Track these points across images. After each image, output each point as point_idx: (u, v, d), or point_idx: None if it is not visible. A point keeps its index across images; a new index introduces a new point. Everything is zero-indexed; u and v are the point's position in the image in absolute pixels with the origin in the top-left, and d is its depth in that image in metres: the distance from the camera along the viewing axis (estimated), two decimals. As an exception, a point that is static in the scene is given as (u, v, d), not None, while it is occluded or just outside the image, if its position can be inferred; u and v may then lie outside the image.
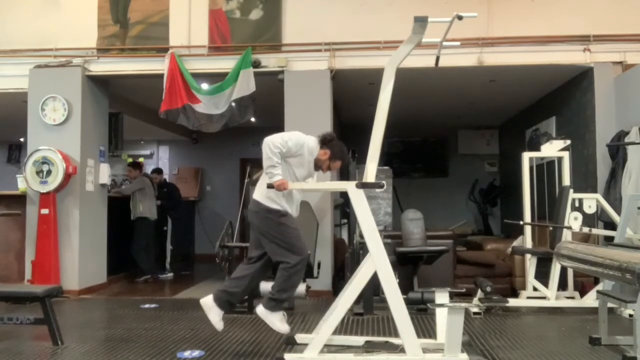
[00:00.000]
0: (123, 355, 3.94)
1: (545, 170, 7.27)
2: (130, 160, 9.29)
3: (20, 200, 6.70)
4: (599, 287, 4.90)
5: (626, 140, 5.85)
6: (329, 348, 3.77)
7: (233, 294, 4.02)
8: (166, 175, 10.48)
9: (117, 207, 7.73)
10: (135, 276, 8.00)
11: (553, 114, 7.79)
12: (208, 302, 4.00)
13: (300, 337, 4.12)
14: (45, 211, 6.38)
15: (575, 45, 6.43)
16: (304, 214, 6.02)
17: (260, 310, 3.91)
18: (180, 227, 9.69)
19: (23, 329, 4.53)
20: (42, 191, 6.39)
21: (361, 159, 4.77)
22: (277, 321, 3.90)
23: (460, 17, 3.44)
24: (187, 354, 3.93)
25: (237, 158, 11.29)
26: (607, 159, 6.22)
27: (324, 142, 4.00)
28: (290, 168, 3.88)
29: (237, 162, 11.30)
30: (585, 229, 5.49)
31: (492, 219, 10.93)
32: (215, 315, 3.98)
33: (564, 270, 5.56)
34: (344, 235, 7.94)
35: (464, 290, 5.16)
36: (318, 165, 4.02)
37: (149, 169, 10.04)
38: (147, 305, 5.94)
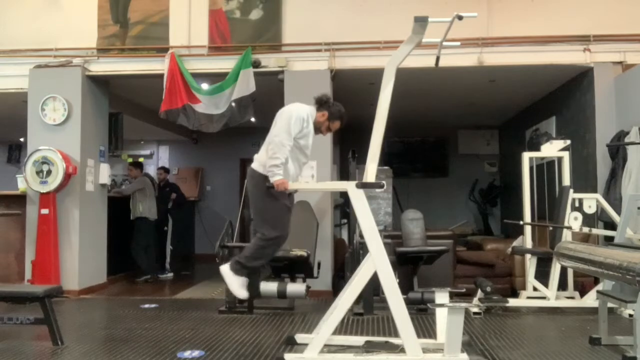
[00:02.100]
0: (123, 355, 3.94)
1: (545, 170, 7.27)
2: (130, 160, 9.29)
3: (20, 200, 6.70)
4: (599, 287, 4.90)
5: (626, 140, 5.85)
6: (329, 348, 3.77)
7: (249, 264, 4.00)
8: (168, 175, 10.47)
9: (117, 207, 7.73)
10: (135, 276, 8.00)
11: (553, 114, 7.79)
12: (225, 270, 3.99)
13: (300, 337, 4.12)
14: (45, 211, 6.39)
15: (575, 45, 6.43)
16: (304, 213, 6.05)
17: (224, 268, 3.94)
18: (180, 227, 9.69)
19: (23, 329, 4.53)
20: (42, 191, 6.39)
21: (361, 159, 4.77)
22: (237, 284, 3.92)
23: (460, 17, 3.44)
24: (187, 354, 3.93)
25: (237, 158, 11.28)
26: (607, 159, 6.22)
27: (320, 103, 4.06)
28: (296, 142, 3.93)
29: (237, 162, 11.30)
30: (585, 229, 5.49)
31: (492, 219, 10.93)
32: (235, 282, 3.97)
33: (564, 270, 5.56)
34: (344, 235, 7.94)
35: (464, 290, 5.15)
36: (317, 128, 4.06)
37: (149, 169, 10.04)
38: (147, 305, 5.94)
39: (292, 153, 3.93)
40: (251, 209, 4.03)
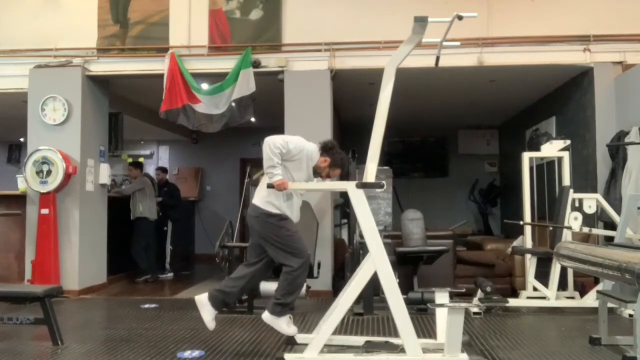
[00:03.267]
0: (123, 355, 3.94)
1: (545, 170, 7.27)
2: (130, 160, 9.29)
3: (20, 200, 6.70)
4: (599, 287, 4.90)
5: (626, 140, 5.85)
6: (329, 348, 3.77)
7: (229, 294, 4.02)
8: (166, 175, 10.47)
9: (117, 207, 7.73)
10: (135, 276, 7.99)
11: (553, 114, 7.79)
12: (202, 300, 4.01)
13: (300, 337, 4.12)
14: (45, 211, 6.38)
15: (575, 45, 6.43)
16: (304, 214, 6.03)
17: (266, 316, 3.90)
18: (180, 227, 9.68)
19: (23, 329, 4.53)
20: (42, 191, 6.39)
21: (361, 159, 4.77)
22: (284, 324, 3.90)
23: (460, 17, 3.45)
24: (187, 354, 3.93)
25: (237, 158, 11.29)
26: (607, 159, 6.22)
27: (325, 149, 4.00)
28: (288, 172, 3.87)
29: (237, 162, 11.30)
30: (585, 229, 5.49)
31: (492, 219, 10.93)
32: (207, 313, 3.98)
33: (564, 270, 5.56)
34: (344, 235, 7.93)
35: (464, 290, 5.15)
36: (317, 172, 4.02)
37: (149, 169, 10.04)
38: (147, 305, 5.94)
39: (288, 178, 3.84)
40: (265, 247, 3.93)
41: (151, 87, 6.85)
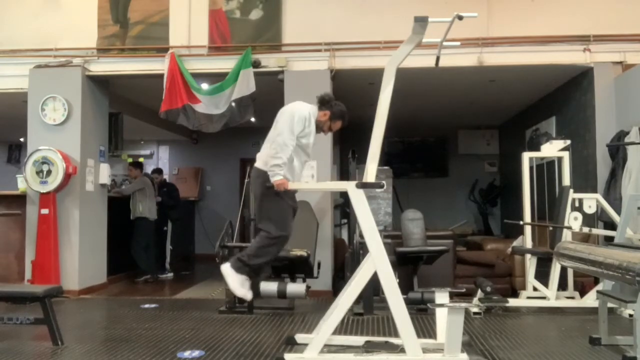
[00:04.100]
0: (123, 355, 3.94)
1: (545, 170, 7.27)
2: (130, 160, 9.29)
3: (20, 200, 6.70)
4: (599, 287, 4.90)
5: (626, 140, 5.85)
6: (329, 348, 3.77)
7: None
8: (166, 175, 10.48)
9: (117, 207, 7.73)
10: (135, 276, 8.00)
11: (553, 114, 7.79)
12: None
13: (300, 337, 4.12)
14: (45, 211, 6.38)
15: (575, 45, 6.43)
16: (304, 213, 6.04)
17: (224, 266, 3.92)
18: (180, 227, 9.69)
19: (23, 329, 4.53)
20: (42, 191, 6.39)
21: (361, 159, 4.77)
22: (238, 283, 3.89)
23: (460, 17, 3.45)
24: (187, 354, 3.93)
25: (237, 158, 11.29)
26: (607, 159, 6.22)
27: (323, 102, 4.06)
28: (298, 140, 3.93)
29: (237, 162, 11.30)
30: (585, 229, 5.49)
31: (492, 219, 10.93)
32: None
33: (564, 270, 5.56)
34: (344, 235, 7.94)
35: (464, 290, 5.15)
36: (319, 127, 4.06)
37: (149, 169, 10.04)
38: (147, 305, 5.94)
39: (294, 152, 3.93)
40: (256, 207, 4.03)
41: (151, 87, 6.85)
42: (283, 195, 3.90)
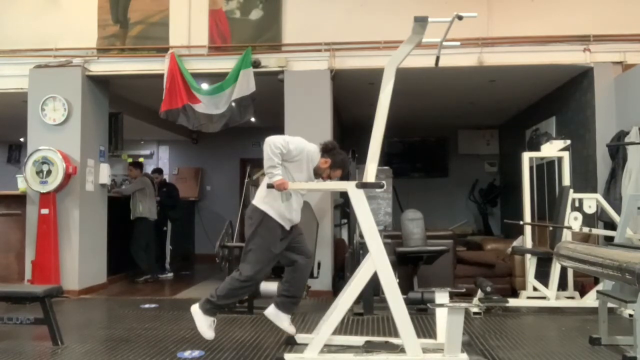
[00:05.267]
0: (123, 355, 3.94)
1: (545, 170, 7.27)
2: (130, 160, 9.29)
3: (20, 200, 6.70)
4: (599, 287, 4.90)
5: (626, 140, 5.85)
6: (329, 348, 3.77)
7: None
8: (166, 175, 10.48)
9: (117, 207, 7.73)
10: (135, 276, 8.00)
11: (553, 114, 7.79)
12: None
13: (300, 337, 4.12)
14: (45, 211, 6.38)
15: (575, 45, 6.43)
16: (304, 213, 6.04)
17: (194, 307, 3.94)
18: (180, 227, 9.69)
19: (23, 329, 4.53)
20: (42, 191, 6.39)
21: (361, 159, 4.77)
22: (205, 325, 3.90)
23: (460, 17, 3.45)
24: (187, 354, 3.94)
25: (237, 158, 11.28)
26: (607, 159, 6.22)
27: (325, 150, 3.99)
28: (289, 173, 3.86)
29: (237, 162, 11.30)
30: (585, 229, 5.49)
31: (492, 219, 10.93)
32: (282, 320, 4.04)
33: (564, 270, 5.56)
34: (344, 235, 7.93)
35: (464, 290, 5.15)
36: (318, 174, 4.01)
37: (149, 169, 10.04)
38: (147, 305, 5.94)
39: (289, 179, 3.84)
40: (246, 238, 3.98)
41: (151, 87, 6.84)
42: (273, 238, 3.86)
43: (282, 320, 4.02)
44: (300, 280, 4.08)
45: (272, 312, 4.02)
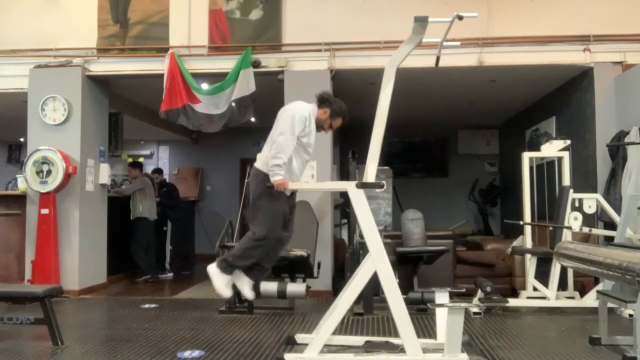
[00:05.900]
0: (123, 355, 3.94)
1: (545, 170, 7.27)
2: (130, 160, 9.29)
3: (20, 200, 6.70)
4: (599, 287, 4.90)
5: (626, 140, 5.85)
6: (329, 348, 3.77)
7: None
8: (166, 175, 10.49)
9: (117, 207, 7.73)
10: (135, 276, 7.99)
11: (553, 114, 7.79)
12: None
13: (300, 337, 4.12)
14: (45, 211, 6.38)
15: (575, 45, 6.43)
16: (304, 213, 6.05)
17: (211, 266, 3.98)
18: (180, 227, 9.69)
19: (23, 329, 4.53)
20: (42, 191, 6.39)
21: (361, 159, 4.77)
22: (223, 283, 3.95)
23: (460, 17, 3.45)
24: (187, 354, 3.93)
25: (237, 158, 11.28)
26: (607, 159, 6.22)
27: (322, 100, 4.05)
28: (299, 140, 3.92)
29: (237, 162, 11.30)
30: (585, 229, 5.49)
31: (492, 219, 10.93)
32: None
33: (564, 270, 5.56)
34: (344, 235, 7.94)
35: (464, 290, 5.16)
36: (320, 126, 4.05)
37: (149, 169, 10.05)
38: (147, 305, 5.94)
39: (295, 151, 3.92)
40: (250, 207, 4.04)
41: (151, 87, 6.84)
42: (278, 197, 3.89)
43: (244, 283, 4.03)
44: (275, 252, 4.14)
45: (238, 272, 4.03)
